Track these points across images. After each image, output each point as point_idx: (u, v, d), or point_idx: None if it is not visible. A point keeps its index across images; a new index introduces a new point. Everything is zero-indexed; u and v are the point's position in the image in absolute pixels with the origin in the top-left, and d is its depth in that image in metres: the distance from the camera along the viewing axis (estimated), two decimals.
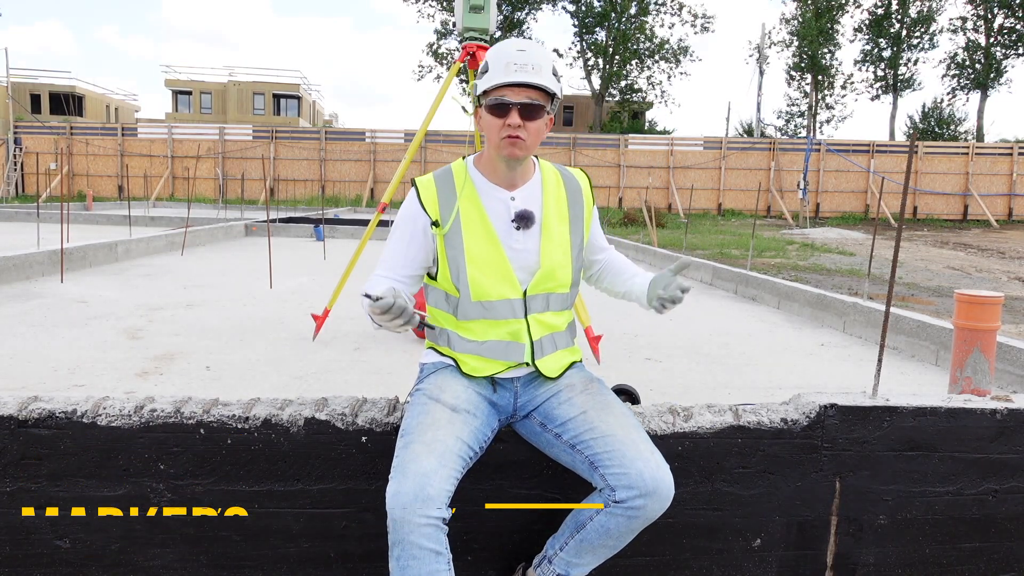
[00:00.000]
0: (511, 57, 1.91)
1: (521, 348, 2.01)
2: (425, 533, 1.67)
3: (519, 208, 2.00)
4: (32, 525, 2.04)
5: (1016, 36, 38.73)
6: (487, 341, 2.01)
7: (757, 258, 13.41)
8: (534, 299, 2.02)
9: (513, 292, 1.99)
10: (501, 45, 1.95)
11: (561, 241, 2.04)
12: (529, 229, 2.00)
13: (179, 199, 30.95)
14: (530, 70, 1.90)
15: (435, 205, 2.01)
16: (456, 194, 2.01)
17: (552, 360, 2.06)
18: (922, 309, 7.99)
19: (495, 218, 2.00)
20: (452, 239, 1.99)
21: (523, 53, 1.91)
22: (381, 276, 2.05)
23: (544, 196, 2.05)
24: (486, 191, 2.02)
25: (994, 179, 31.62)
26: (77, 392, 4.32)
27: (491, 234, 1.99)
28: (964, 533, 2.26)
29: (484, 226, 1.99)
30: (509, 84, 1.90)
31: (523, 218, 1.99)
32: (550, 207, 2.04)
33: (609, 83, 39.15)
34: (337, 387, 4.61)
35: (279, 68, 76.63)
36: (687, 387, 4.87)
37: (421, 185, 2.05)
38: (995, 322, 3.86)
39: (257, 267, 10.63)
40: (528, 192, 2.04)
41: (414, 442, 1.79)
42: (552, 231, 2.02)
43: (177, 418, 2.03)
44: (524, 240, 2.00)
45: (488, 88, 1.92)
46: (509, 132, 1.90)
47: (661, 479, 1.78)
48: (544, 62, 1.93)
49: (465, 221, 1.99)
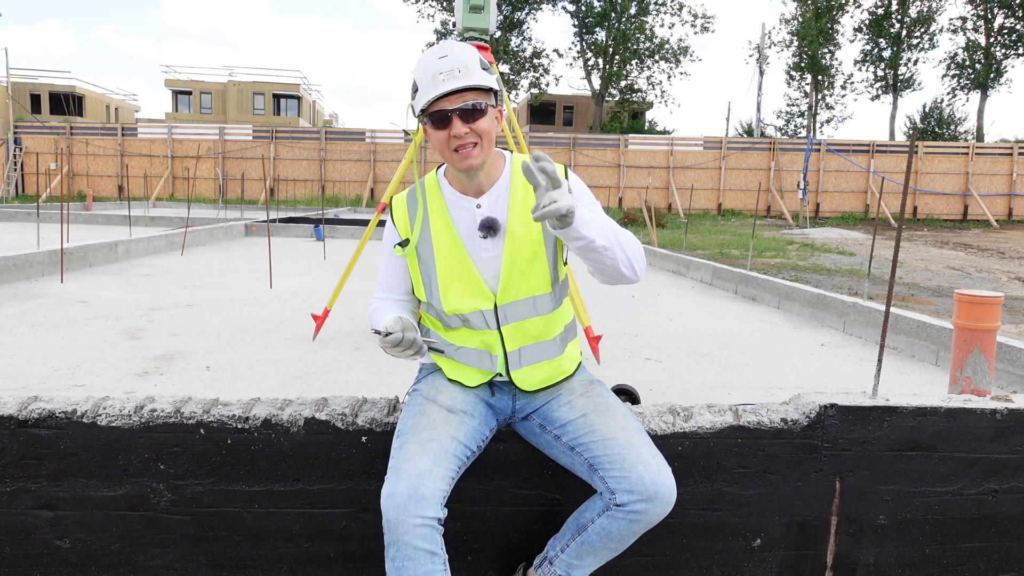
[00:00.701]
0: (435, 67, 1.85)
1: (494, 359, 1.98)
2: (420, 534, 1.67)
3: (483, 216, 1.95)
4: (32, 525, 2.04)
5: (1016, 36, 38.71)
6: (462, 347, 1.99)
7: (757, 258, 13.41)
8: (509, 308, 1.95)
9: (485, 303, 1.95)
10: (422, 58, 1.90)
11: (531, 242, 1.94)
12: (496, 236, 1.94)
13: (179, 199, 30.95)
14: (457, 74, 1.84)
15: (406, 223, 2.02)
16: (423, 208, 2.00)
17: (532, 372, 1.98)
18: (922, 309, 7.99)
19: (462, 228, 1.96)
20: (423, 255, 1.98)
21: (445, 59, 1.86)
22: (381, 299, 2.08)
23: (511, 198, 1.96)
24: (454, 201, 1.99)
25: (994, 179, 31.62)
26: (77, 392, 4.32)
27: (458, 245, 1.96)
28: (964, 533, 2.26)
29: (452, 238, 1.96)
30: (442, 95, 1.84)
31: (487, 227, 1.93)
32: (516, 210, 1.95)
33: (609, 83, 39.14)
34: (337, 387, 4.61)
35: (279, 68, 76.70)
36: (687, 387, 4.87)
37: (395, 204, 2.07)
38: (995, 322, 3.86)
39: (257, 267, 10.63)
40: (495, 196, 1.97)
41: (409, 442, 1.79)
42: (517, 236, 1.93)
43: (177, 418, 2.03)
44: (493, 247, 1.94)
45: (424, 105, 1.87)
46: (458, 143, 1.86)
47: (662, 483, 1.76)
48: (469, 61, 1.87)
49: (435, 234, 1.98)
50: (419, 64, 1.90)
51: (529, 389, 1.98)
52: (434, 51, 1.89)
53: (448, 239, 1.96)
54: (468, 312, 1.95)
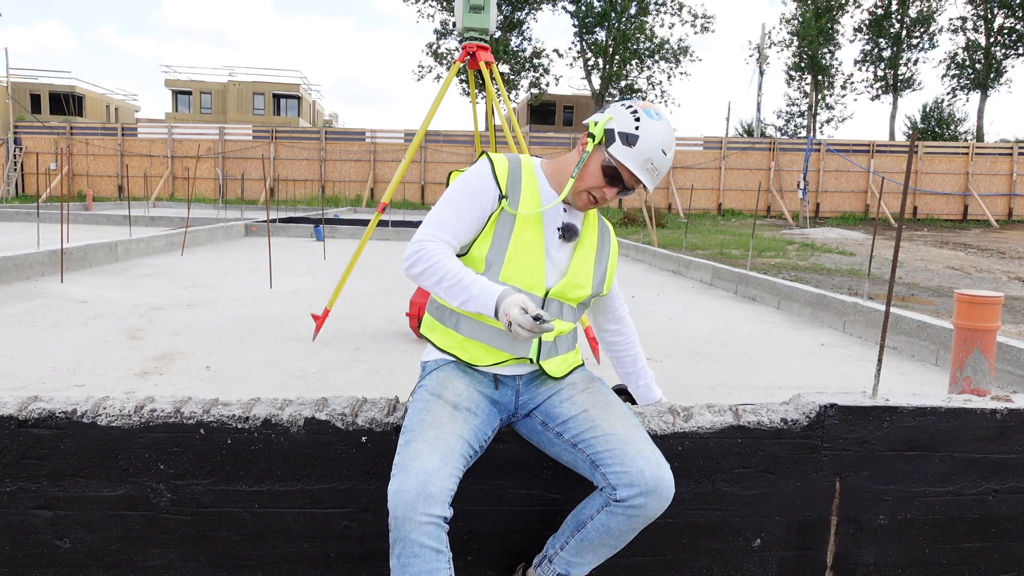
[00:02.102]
0: (655, 158, 1.98)
1: (528, 344, 2.02)
2: (427, 531, 1.67)
3: (568, 220, 2.09)
4: (32, 525, 2.04)
5: (1016, 36, 38.69)
6: (498, 328, 1.99)
7: (757, 258, 13.41)
8: (551, 303, 2.05)
9: (537, 289, 2.03)
10: (656, 136, 1.97)
11: (587, 263, 2.11)
12: (569, 243, 2.09)
13: (179, 199, 30.95)
14: (657, 176, 2.02)
15: (506, 181, 2.06)
16: (524, 182, 2.08)
17: (557, 362, 2.08)
18: (922, 309, 7.99)
19: (547, 219, 2.07)
20: (506, 219, 2.03)
21: (664, 158, 2.00)
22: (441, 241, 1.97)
23: (586, 222, 2.15)
24: (547, 194, 2.10)
25: (994, 179, 31.62)
26: (77, 392, 4.32)
27: (540, 231, 2.05)
28: (964, 533, 2.26)
29: (537, 221, 2.05)
30: (637, 177, 1.99)
31: (568, 230, 2.07)
32: (588, 233, 2.14)
33: (609, 83, 39.12)
34: (337, 387, 4.61)
35: (279, 68, 76.69)
36: (687, 387, 4.87)
37: (497, 160, 2.09)
38: (995, 322, 3.86)
39: (257, 267, 10.64)
40: (575, 213, 2.13)
41: (416, 440, 1.79)
42: (585, 252, 2.11)
43: (177, 418, 2.03)
44: (560, 250, 2.07)
45: (618, 158, 1.97)
46: (601, 198, 2.03)
47: (662, 478, 1.79)
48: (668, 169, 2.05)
49: (523, 209, 2.04)
50: (653, 132, 1.98)
51: (558, 375, 2.07)
52: (664, 140, 1.99)
53: (533, 221, 2.04)
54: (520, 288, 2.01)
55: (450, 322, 2.06)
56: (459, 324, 2.04)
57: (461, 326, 2.04)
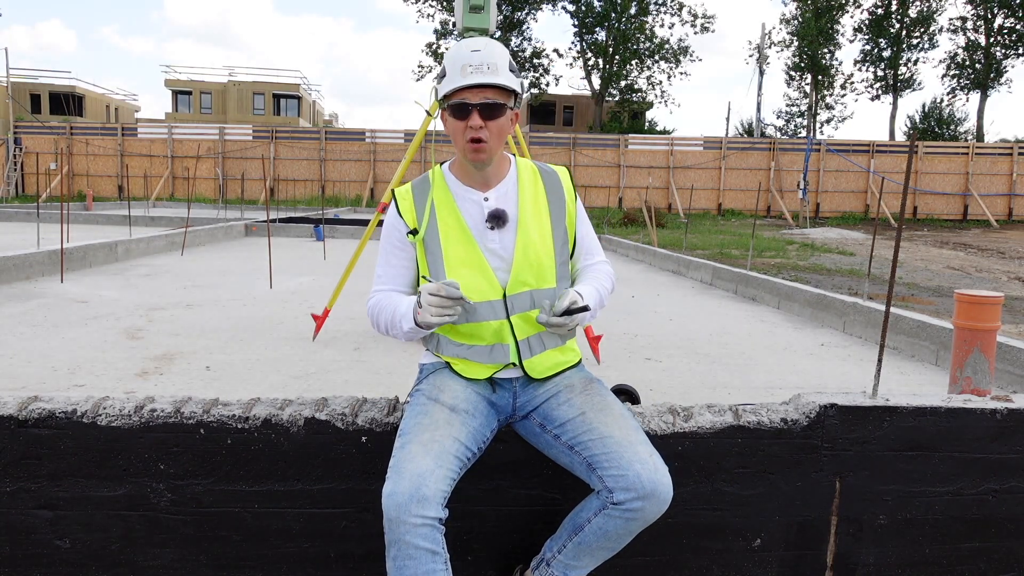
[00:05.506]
0: (466, 59, 1.91)
1: (506, 349, 2.00)
2: (421, 533, 1.67)
3: (492, 208, 2.02)
4: (32, 525, 2.04)
5: (1016, 36, 38.71)
6: (474, 346, 2.01)
7: (757, 258, 13.41)
8: (516, 298, 2.01)
9: (493, 293, 1.99)
10: (456, 47, 1.96)
11: (541, 236, 2.03)
12: (504, 228, 2.01)
13: (179, 199, 30.94)
14: (486, 70, 1.90)
15: (412, 213, 2.05)
16: (431, 199, 2.04)
17: (542, 360, 2.04)
18: (922, 309, 7.99)
19: (470, 219, 2.02)
20: (430, 244, 2.02)
21: (477, 53, 1.91)
22: (385, 291, 2.08)
23: (520, 194, 2.05)
24: (460, 194, 2.04)
25: (994, 179, 31.62)
26: (77, 392, 4.32)
27: (467, 235, 2.01)
28: (964, 533, 2.26)
29: (460, 228, 2.01)
30: (467, 87, 1.91)
31: (496, 217, 2.00)
32: (526, 205, 2.04)
33: (609, 83, 39.13)
34: (337, 387, 4.61)
35: (279, 68, 76.78)
36: (687, 387, 4.87)
37: (399, 195, 2.09)
38: (995, 322, 3.86)
39: (257, 267, 10.63)
40: (502, 191, 2.05)
41: (411, 442, 1.79)
42: (529, 228, 2.02)
43: (177, 418, 2.03)
44: (500, 239, 2.01)
45: (448, 92, 1.93)
46: (472, 135, 1.92)
47: (659, 481, 1.77)
48: (500, 60, 1.93)
49: (442, 225, 2.02)
50: (451, 52, 1.95)
51: (540, 376, 2.02)
52: (469, 43, 1.94)
53: (456, 229, 2.01)
54: (477, 301, 1.97)
55: (431, 345, 2.10)
56: (440, 346, 2.07)
57: (443, 347, 2.06)
